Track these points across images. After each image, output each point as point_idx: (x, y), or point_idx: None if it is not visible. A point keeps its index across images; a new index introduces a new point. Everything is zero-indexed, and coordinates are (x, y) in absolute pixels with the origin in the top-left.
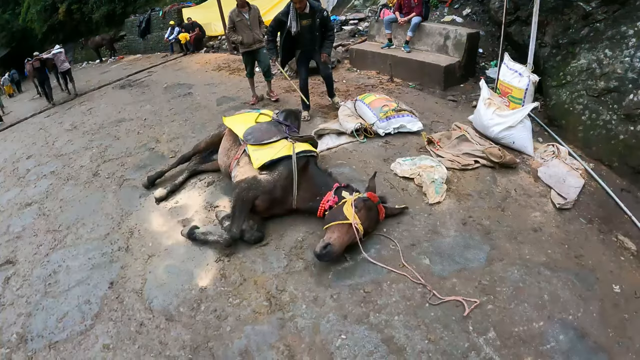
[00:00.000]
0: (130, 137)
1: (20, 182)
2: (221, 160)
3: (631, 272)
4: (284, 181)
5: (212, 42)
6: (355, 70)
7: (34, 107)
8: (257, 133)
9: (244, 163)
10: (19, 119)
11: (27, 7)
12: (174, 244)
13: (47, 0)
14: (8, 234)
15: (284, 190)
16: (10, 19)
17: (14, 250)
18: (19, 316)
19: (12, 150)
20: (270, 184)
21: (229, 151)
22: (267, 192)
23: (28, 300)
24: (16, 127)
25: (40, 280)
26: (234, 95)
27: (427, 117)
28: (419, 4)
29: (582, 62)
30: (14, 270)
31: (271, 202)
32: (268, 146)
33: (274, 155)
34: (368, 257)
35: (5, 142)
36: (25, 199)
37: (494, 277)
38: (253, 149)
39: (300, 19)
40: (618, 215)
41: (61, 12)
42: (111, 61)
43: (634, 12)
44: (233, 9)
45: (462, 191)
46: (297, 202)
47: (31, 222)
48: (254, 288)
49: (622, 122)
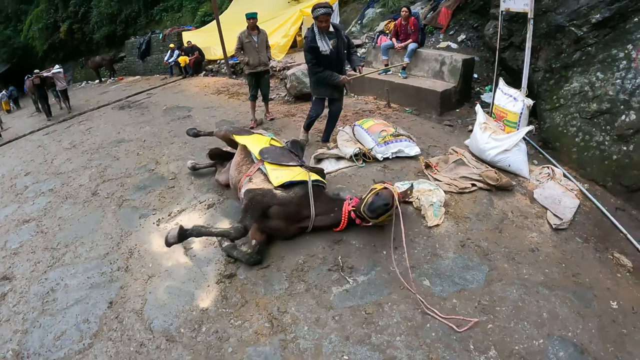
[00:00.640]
0: (130, 158)
1: (18, 198)
2: (232, 173)
3: (628, 288)
4: (299, 199)
5: (211, 65)
6: (353, 95)
7: (33, 124)
8: (273, 154)
9: (258, 180)
10: (18, 135)
11: (29, 25)
12: (175, 265)
13: (49, 19)
14: (5, 250)
15: (298, 207)
16: (12, 35)
17: (11, 266)
18: (15, 333)
19: (10, 167)
20: (285, 198)
21: (241, 166)
22: (282, 205)
23: (25, 317)
24: (14, 144)
25: (38, 298)
26: (233, 119)
27: (424, 142)
28: (415, 30)
29: (575, 85)
30: (10, 286)
31: (284, 216)
32: (286, 168)
33: (293, 177)
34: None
35: (3, 158)
36: (23, 215)
37: (493, 297)
38: (271, 167)
39: (328, 39)
40: (613, 233)
41: (62, 31)
42: (110, 82)
43: (624, 35)
44: (243, 31)
45: (459, 214)
46: (315, 222)
47: (29, 239)
48: (255, 309)
49: (614, 143)
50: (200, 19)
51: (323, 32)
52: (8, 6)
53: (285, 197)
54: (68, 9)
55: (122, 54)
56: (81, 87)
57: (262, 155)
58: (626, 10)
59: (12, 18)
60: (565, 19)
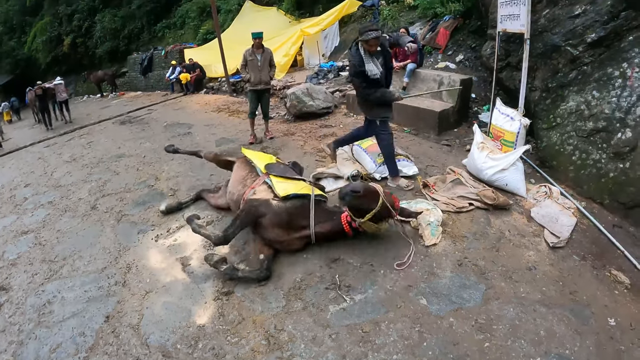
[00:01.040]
0: (130, 173)
1: (17, 209)
2: (235, 188)
3: (626, 305)
4: (294, 209)
5: (212, 83)
6: (352, 115)
7: (33, 135)
8: (279, 169)
9: (262, 192)
10: (18, 146)
11: (33, 37)
12: (172, 281)
13: (53, 32)
14: (3, 261)
15: (291, 216)
16: (15, 47)
17: (8, 277)
18: (10, 344)
19: (10, 177)
20: (280, 208)
21: (245, 180)
22: (275, 214)
23: (20, 329)
24: (15, 155)
25: (34, 310)
26: (233, 136)
27: (422, 162)
28: (414, 52)
29: (571, 104)
30: (7, 297)
31: (278, 224)
32: (292, 181)
33: (298, 190)
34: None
35: (3, 169)
36: (21, 227)
37: (490, 316)
38: (277, 180)
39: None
40: (611, 250)
41: (66, 45)
42: (112, 96)
43: (619, 54)
44: (248, 48)
45: (457, 233)
46: (316, 236)
47: (27, 251)
48: (252, 327)
49: (611, 161)
50: (202, 37)
51: (371, 53)
52: (13, 17)
53: (280, 207)
54: (72, 22)
55: (124, 70)
56: (82, 100)
57: (268, 169)
58: (621, 29)
59: (17, 29)
60: (561, 38)
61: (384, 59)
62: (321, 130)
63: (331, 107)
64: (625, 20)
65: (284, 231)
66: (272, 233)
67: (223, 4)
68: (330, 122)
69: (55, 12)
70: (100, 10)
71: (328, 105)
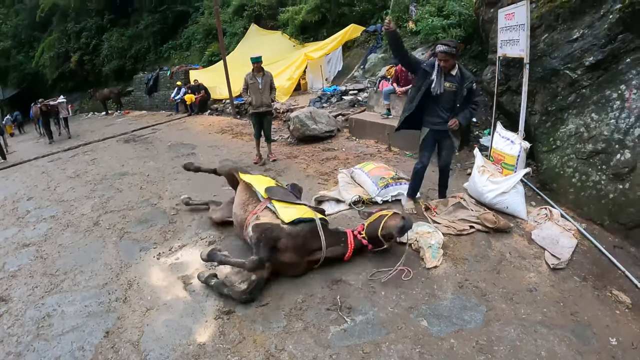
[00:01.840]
0: (133, 191)
1: (19, 222)
2: (237, 211)
3: (627, 325)
4: (307, 233)
5: (216, 105)
6: (355, 139)
7: (37, 149)
8: (280, 193)
9: (265, 217)
10: (22, 159)
11: (41, 52)
12: (173, 299)
13: (60, 48)
14: (3, 272)
15: (306, 240)
16: (23, 61)
17: (8, 288)
18: (8, 355)
19: (13, 190)
20: (293, 231)
21: (246, 205)
22: (292, 237)
23: (19, 340)
24: (18, 168)
25: (33, 322)
26: (236, 158)
27: (424, 185)
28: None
29: (571, 127)
30: (6, 308)
31: (294, 248)
32: (294, 206)
33: (302, 214)
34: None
35: (6, 181)
36: (23, 239)
37: (491, 337)
38: (280, 205)
39: (445, 79)
40: (612, 271)
41: (73, 61)
42: (117, 114)
43: (617, 76)
44: (249, 72)
45: (458, 255)
46: (327, 253)
47: (27, 263)
48: (253, 346)
49: (611, 182)
50: (207, 59)
51: (442, 70)
52: (22, 32)
53: (294, 230)
54: (80, 40)
55: (130, 88)
56: (87, 117)
57: (269, 194)
58: (618, 52)
59: (25, 44)
60: (560, 62)
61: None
62: (324, 154)
63: (334, 130)
64: (622, 43)
65: (297, 254)
66: (285, 256)
67: (229, 27)
68: (333, 145)
69: (63, 28)
70: (108, 29)
71: (331, 129)
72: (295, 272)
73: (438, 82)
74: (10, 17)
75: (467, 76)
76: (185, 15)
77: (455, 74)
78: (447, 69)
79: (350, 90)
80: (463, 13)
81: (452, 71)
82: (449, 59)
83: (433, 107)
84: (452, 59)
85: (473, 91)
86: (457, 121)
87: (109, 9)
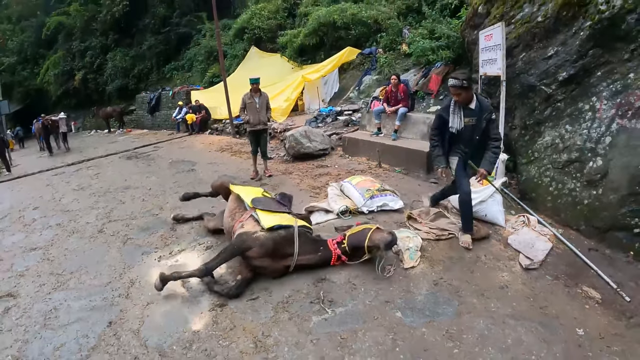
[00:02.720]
0: (135, 203)
1: (26, 228)
2: (226, 220)
3: (596, 317)
4: (280, 239)
5: (216, 124)
6: (347, 156)
7: (41, 163)
8: (265, 203)
9: (249, 226)
10: (27, 172)
11: (46, 69)
12: (172, 295)
13: (65, 66)
14: (11, 272)
15: (277, 246)
16: (28, 77)
17: (16, 285)
18: (16, 341)
19: (19, 200)
20: (266, 239)
21: (234, 214)
22: (261, 246)
23: (26, 329)
24: (23, 180)
25: (41, 314)
26: (234, 174)
27: (409, 197)
28: (405, 97)
29: (547, 139)
30: (14, 302)
31: (264, 254)
32: (276, 214)
33: (281, 221)
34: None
35: (12, 192)
36: (30, 244)
37: (460, 327)
38: (263, 214)
39: (463, 115)
40: (585, 271)
41: (77, 79)
42: (119, 132)
43: (589, 89)
44: (246, 92)
45: (435, 257)
46: (300, 261)
47: (35, 264)
48: (242, 333)
49: (585, 189)
50: (208, 80)
51: (460, 105)
52: (28, 48)
53: (266, 237)
54: (84, 59)
55: (132, 107)
56: (90, 135)
57: (254, 204)
58: (589, 66)
59: (30, 60)
60: (536, 79)
61: (475, 122)
62: (317, 170)
63: (328, 149)
64: (593, 58)
65: (270, 259)
66: (258, 261)
67: (229, 49)
68: (326, 162)
69: (69, 47)
70: (112, 48)
71: (325, 147)
72: (274, 275)
73: (456, 118)
74: (16, 33)
75: (485, 107)
76: (188, 37)
77: (474, 106)
78: (465, 103)
79: (345, 110)
80: (451, 35)
81: (470, 104)
82: (461, 92)
83: (456, 142)
84: (464, 91)
85: (492, 122)
86: (484, 172)
87: (113, 30)
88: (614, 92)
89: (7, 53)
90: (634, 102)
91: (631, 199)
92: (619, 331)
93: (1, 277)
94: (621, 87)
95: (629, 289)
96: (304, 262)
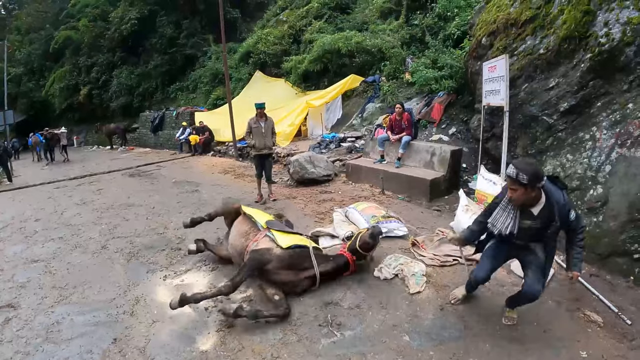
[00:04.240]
0: (139, 221)
1: (28, 240)
2: (237, 241)
3: (598, 340)
4: (296, 255)
5: (219, 147)
6: (351, 183)
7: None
8: (278, 225)
9: (264, 243)
10: (28, 183)
11: (51, 82)
12: (179, 314)
13: (71, 80)
14: (12, 282)
15: (294, 259)
16: (33, 88)
17: (17, 297)
18: (17, 353)
19: (20, 210)
20: (283, 253)
21: (247, 234)
22: (278, 260)
23: (28, 342)
24: (24, 191)
25: (42, 327)
26: (238, 197)
27: (413, 224)
28: (409, 125)
29: (549, 167)
30: (15, 313)
31: (282, 267)
32: (291, 235)
33: (298, 242)
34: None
35: (13, 202)
36: (31, 255)
37: (467, 350)
38: (278, 234)
39: (521, 217)
40: (586, 296)
41: (82, 94)
42: (121, 150)
43: (589, 119)
44: (252, 117)
45: (440, 283)
46: (322, 270)
47: (37, 276)
48: (251, 354)
49: (586, 216)
50: (212, 102)
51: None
52: (34, 60)
53: (283, 253)
54: (90, 74)
55: (136, 125)
56: (92, 150)
57: (269, 225)
58: (590, 97)
59: (36, 72)
60: (539, 109)
61: (540, 225)
62: (321, 196)
63: (331, 175)
64: (593, 89)
65: (289, 271)
66: (279, 275)
67: (234, 72)
68: (330, 188)
69: (75, 61)
70: (119, 66)
71: (328, 173)
72: (298, 289)
73: (507, 218)
74: (24, 44)
75: (554, 200)
76: (194, 59)
77: (538, 212)
78: (526, 206)
79: (349, 137)
80: (454, 65)
81: (532, 208)
82: (517, 189)
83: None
84: (523, 190)
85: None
86: (578, 275)
87: (120, 47)
88: (614, 121)
89: (14, 63)
90: (632, 131)
91: (631, 226)
92: (621, 353)
93: (2, 287)
94: (620, 117)
95: (630, 313)
96: (328, 269)
